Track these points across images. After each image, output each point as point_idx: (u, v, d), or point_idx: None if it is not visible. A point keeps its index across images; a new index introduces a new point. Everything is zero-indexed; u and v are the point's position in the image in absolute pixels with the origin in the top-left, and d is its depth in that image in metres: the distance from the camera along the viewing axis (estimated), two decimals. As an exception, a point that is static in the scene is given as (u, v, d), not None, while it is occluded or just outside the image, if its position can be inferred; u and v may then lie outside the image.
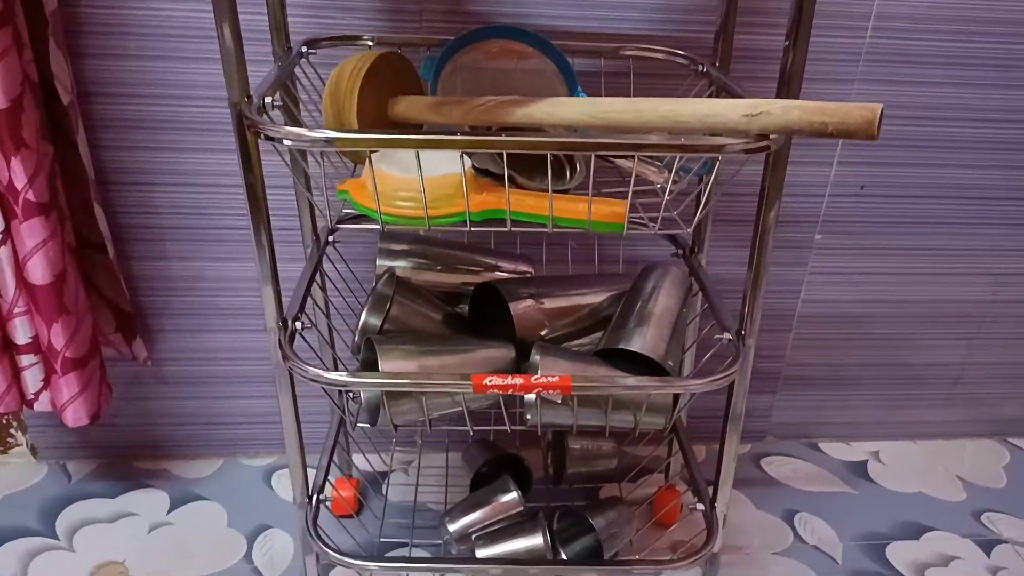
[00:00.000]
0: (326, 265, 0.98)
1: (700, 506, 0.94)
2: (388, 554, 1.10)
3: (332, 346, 1.01)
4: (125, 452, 1.26)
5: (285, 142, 0.67)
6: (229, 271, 1.13)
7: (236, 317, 1.16)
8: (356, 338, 0.92)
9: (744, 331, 0.83)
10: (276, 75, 0.79)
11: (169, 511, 1.18)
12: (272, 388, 0.84)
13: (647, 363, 0.82)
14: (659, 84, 1.00)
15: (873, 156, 1.13)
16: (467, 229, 0.73)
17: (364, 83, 0.76)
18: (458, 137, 0.69)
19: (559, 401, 0.77)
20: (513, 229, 0.72)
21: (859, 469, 1.33)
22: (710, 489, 0.94)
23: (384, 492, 1.20)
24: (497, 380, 0.74)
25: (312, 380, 0.76)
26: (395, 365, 0.81)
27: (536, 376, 0.75)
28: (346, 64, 0.78)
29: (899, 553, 1.16)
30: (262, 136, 0.67)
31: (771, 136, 0.66)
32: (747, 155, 0.66)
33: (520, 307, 0.90)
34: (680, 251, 1.03)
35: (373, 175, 0.70)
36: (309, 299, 0.86)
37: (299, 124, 0.80)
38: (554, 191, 0.73)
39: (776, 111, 0.62)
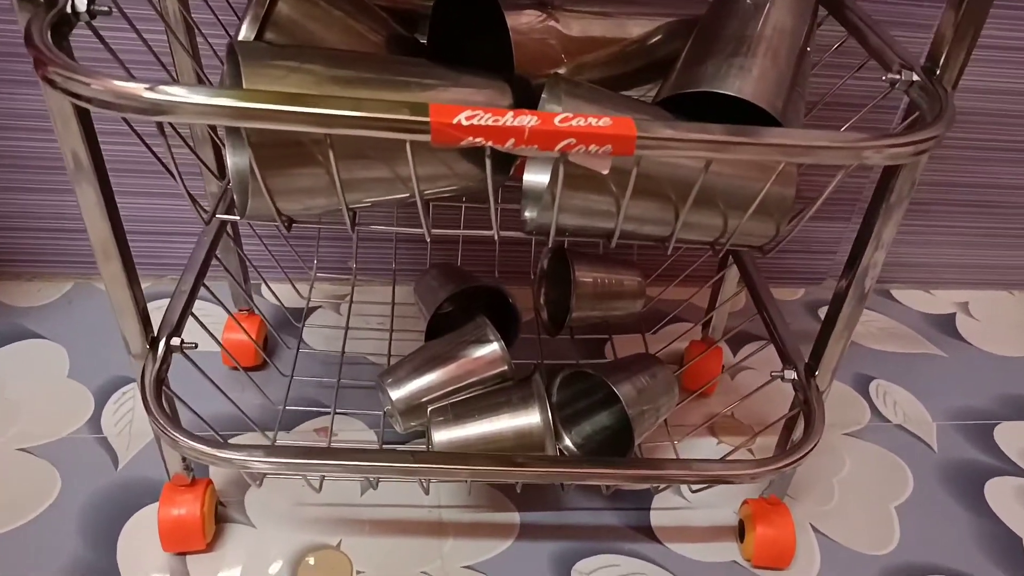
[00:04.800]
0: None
1: (791, 374, 0.59)
2: (297, 428, 0.75)
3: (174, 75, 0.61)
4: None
5: None
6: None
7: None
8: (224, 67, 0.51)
9: (941, 70, 0.44)
10: None
11: (-17, 354, 0.80)
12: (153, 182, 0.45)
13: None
14: None
15: None
16: None
17: None
18: None
19: (605, 171, 0.39)
20: None
21: (945, 324, 1.00)
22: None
23: (298, 340, 0.83)
24: (484, 117, 0.35)
25: (109, 103, 0.36)
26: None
27: (562, 117, 0.36)
28: None
29: (1011, 437, 0.85)
30: None
31: None
32: None
33: (522, 21, 0.50)
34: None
35: None
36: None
37: None
38: None
39: None
